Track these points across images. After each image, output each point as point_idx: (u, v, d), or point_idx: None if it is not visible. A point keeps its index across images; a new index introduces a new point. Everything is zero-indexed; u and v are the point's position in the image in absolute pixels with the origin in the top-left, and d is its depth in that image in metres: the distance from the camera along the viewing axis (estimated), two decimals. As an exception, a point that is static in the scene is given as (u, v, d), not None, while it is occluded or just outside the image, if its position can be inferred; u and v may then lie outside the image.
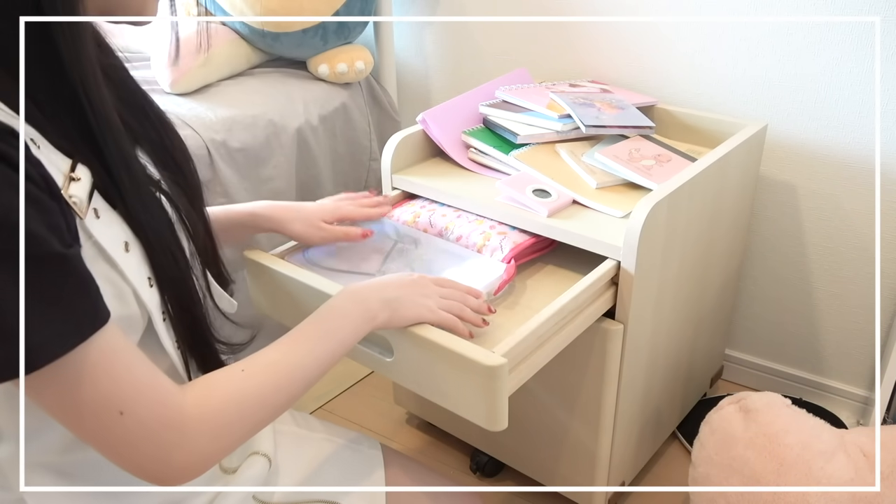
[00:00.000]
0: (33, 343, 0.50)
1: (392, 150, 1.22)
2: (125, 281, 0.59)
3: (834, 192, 1.39)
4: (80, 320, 0.52)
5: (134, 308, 0.61)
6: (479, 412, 0.80)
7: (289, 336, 0.70)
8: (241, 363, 0.65)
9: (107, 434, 0.55)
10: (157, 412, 0.56)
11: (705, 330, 1.39)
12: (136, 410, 0.56)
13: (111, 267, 0.58)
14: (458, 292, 0.86)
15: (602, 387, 1.10)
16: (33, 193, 0.50)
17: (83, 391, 0.53)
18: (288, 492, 0.82)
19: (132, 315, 0.61)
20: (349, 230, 1.02)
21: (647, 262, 1.03)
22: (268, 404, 0.65)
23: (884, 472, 1.03)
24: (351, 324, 0.74)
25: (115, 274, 0.59)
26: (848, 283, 1.44)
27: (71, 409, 0.54)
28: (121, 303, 0.60)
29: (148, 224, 0.61)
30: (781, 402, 1.13)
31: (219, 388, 0.62)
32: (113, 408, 0.55)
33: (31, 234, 0.49)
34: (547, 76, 1.62)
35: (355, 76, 1.63)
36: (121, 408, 0.55)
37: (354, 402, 1.61)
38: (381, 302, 0.77)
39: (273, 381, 0.65)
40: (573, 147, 1.23)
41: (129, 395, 0.55)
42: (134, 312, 0.61)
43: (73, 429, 0.55)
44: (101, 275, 0.57)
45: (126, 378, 0.55)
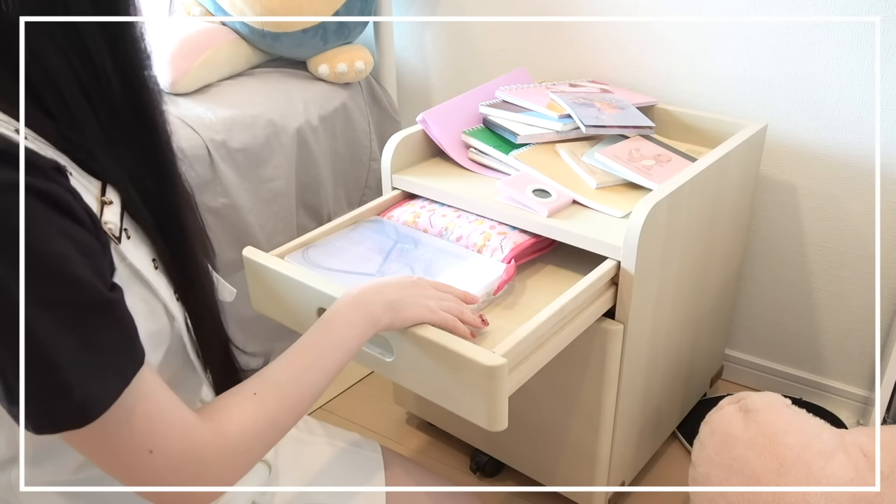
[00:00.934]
0: (88, 394, 0.50)
1: (392, 150, 1.22)
2: (156, 298, 0.60)
3: (834, 192, 1.38)
4: (123, 365, 0.53)
5: (163, 322, 0.62)
6: (479, 412, 0.80)
7: (296, 350, 0.70)
8: (252, 384, 0.65)
9: (135, 471, 0.56)
10: (183, 448, 0.57)
11: (705, 330, 1.39)
12: (166, 448, 0.56)
13: (144, 286, 0.59)
14: (455, 297, 0.86)
15: (602, 387, 1.10)
16: (80, 236, 0.50)
17: (121, 434, 0.54)
18: (287, 494, 0.82)
19: (161, 329, 0.62)
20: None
21: (647, 262, 1.03)
22: (280, 425, 0.65)
23: (884, 472, 1.03)
24: (355, 330, 0.73)
25: (148, 293, 0.60)
26: (848, 283, 1.44)
27: (106, 450, 0.55)
28: (152, 319, 0.61)
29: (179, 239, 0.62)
30: (781, 402, 1.13)
31: (234, 416, 0.62)
32: (144, 447, 0.55)
33: (81, 281, 0.49)
34: (547, 76, 1.62)
35: (355, 76, 1.63)
36: (151, 447, 0.56)
37: (354, 402, 1.61)
38: (383, 305, 0.77)
39: (285, 403, 0.66)
40: (573, 147, 1.23)
41: (160, 434, 0.56)
42: (163, 326, 0.62)
43: (102, 466, 0.56)
44: (136, 295, 0.58)
45: (159, 418, 0.56)
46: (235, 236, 1.43)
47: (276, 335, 1.50)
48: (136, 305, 0.58)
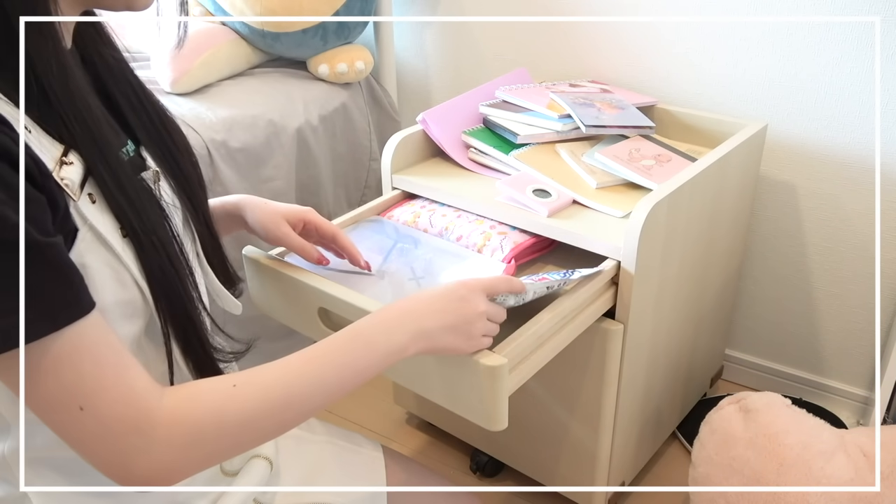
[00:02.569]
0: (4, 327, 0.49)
1: (392, 150, 1.22)
2: (123, 266, 0.59)
3: (834, 192, 1.39)
4: (54, 310, 0.51)
5: (135, 293, 0.60)
6: (479, 412, 0.80)
7: (302, 354, 0.63)
8: (235, 376, 0.61)
9: (67, 427, 0.54)
10: (120, 412, 0.54)
11: (705, 330, 1.39)
12: (98, 408, 0.54)
13: (109, 251, 0.58)
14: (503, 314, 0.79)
15: (602, 387, 1.10)
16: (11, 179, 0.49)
17: (45, 381, 0.52)
18: (289, 494, 0.82)
19: (134, 300, 0.60)
20: (306, 246, 0.92)
21: (647, 262, 1.03)
22: (254, 428, 0.60)
23: (884, 472, 1.03)
24: (375, 355, 0.66)
25: (113, 259, 0.58)
26: (848, 283, 1.44)
27: (32, 396, 0.53)
28: (122, 287, 0.59)
29: (135, 218, 0.60)
30: (781, 402, 1.13)
31: (201, 399, 0.58)
32: (73, 402, 0.53)
33: (4, 219, 0.48)
34: (547, 76, 1.62)
35: (355, 76, 1.63)
36: (81, 403, 0.53)
37: (354, 402, 1.61)
38: (415, 334, 0.69)
39: (264, 405, 0.60)
40: (573, 147, 1.23)
41: (91, 393, 0.53)
42: (135, 297, 0.60)
43: (39, 417, 0.54)
44: (101, 259, 0.57)
45: (94, 375, 0.53)
46: (235, 236, 1.42)
47: (276, 335, 1.50)
48: (101, 269, 0.57)
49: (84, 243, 0.56)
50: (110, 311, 0.59)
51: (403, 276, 0.99)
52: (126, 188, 0.60)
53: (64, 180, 0.55)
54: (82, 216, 0.56)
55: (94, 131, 0.58)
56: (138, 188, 0.62)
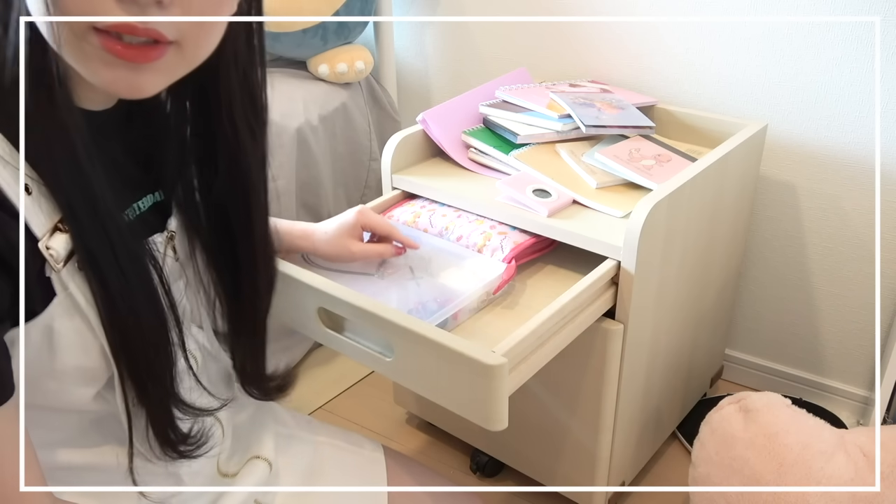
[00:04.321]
0: None
1: (392, 150, 1.22)
2: (95, 336, 0.58)
3: (834, 192, 1.39)
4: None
5: (97, 361, 0.60)
6: (479, 412, 0.80)
7: None
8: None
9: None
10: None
11: (705, 330, 1.39)
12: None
13: (83, 321, 0.57)
14: None
15: (602, 387, 1.10)
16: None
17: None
18: (289, 494, 0.82)
19: (95, 368, 0.60)
20: (381, 249, 0.97)
21: (647, 262, 1.03)
22: None
23: (884, 472, 1.03)
24: None
25: (86, 328, 0.58)
26: (848, 283, 1.44)
27: None
28: (86, 355, 0.59)
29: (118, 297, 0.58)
30: (781, 402, 1.13)
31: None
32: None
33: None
34: (547, 76, 1.62)
35: (355, 76, 1.63)
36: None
37: (354, 402, 1.61)
38: None
39: None
40: (573, 147, 1.23)
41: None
42: (97, 365, 0.60)
43: None
44: (72, 327, 0.57)
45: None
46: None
47: (276, 335, 1.50)
48: (68, 336, 0.56)
49: (59, 308, 0.56)
50: (69, 375, 0.59)
51: (403, 276, 0.99)
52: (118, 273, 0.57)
53: (49, 250, 0.54)
54: (63, 284, 0.56)
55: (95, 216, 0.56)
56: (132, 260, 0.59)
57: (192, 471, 0.73)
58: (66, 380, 0.59)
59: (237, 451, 0.81)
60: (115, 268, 0.57)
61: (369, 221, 0.97)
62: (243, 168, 0.68)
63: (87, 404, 0.62)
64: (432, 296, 0.95)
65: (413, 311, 0.91)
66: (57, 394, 0.60)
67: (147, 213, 0.67)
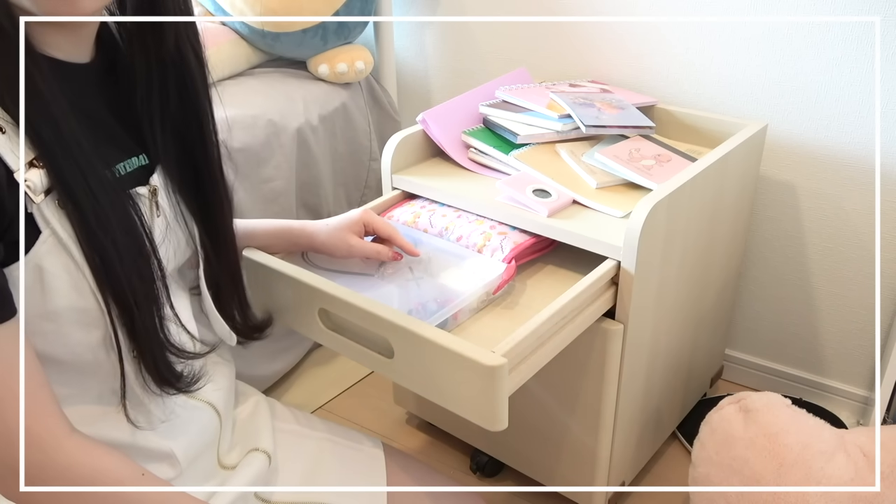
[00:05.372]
0: None
1: (392, 150, 1.22)
2: (82, 274, 0.59)
3: (834, 192, 1.39)
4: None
5: (92, 302, 0.60)
6: (479, 412, 0.80)
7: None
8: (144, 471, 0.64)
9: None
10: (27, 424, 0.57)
11: (705, 330, 1.39)
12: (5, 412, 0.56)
13: (69, 257, 0.58)
14: None
15: (602, 387, 1.10)
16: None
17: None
18: (289, 491, 0.82)
19: (90, 308, 0.60)
20: (379, 249, 0.98)
21: (647, 262, 1.03)
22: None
23: (884, 472, 1.03)
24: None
25: (72, 265, 0.59)
26: (848, 283, 1.44)
27: None
28: (78, 294, 0.59)
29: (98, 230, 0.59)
30: (781, 402, 1.13)
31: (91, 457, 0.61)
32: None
33: None
34: (547, 76, 1.62)
35: (355, 76, 1.63)
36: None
37: (354, 402, 1.61)
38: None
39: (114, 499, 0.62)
40: (573, 147, 1.23)
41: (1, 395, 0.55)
42: (92, 306, 0.60)
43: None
44: (60, 264, 0.58)
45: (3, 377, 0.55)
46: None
47: (276, 335, 1.50)
48: (58, 275, 0.57)
49: (45, 246, 0.57)
50: (64, 316, 0.60)
51: (403, 277, 1.00)
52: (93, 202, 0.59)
53: (27, 181, 0.55)
54: (46, 220, 0.57)
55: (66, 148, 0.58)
56: (112, 201, 0.61)
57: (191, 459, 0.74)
58: (62, 321, 0.60)
59: (237, 443, 0.81)
60: (89, 197, 0.59)
61: (373, 222, 0.99)
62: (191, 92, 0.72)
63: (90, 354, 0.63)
64: (432, 296, 0.95)
65: (413, 311, 0.91)
66: (56, 336, 0.61)
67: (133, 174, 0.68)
